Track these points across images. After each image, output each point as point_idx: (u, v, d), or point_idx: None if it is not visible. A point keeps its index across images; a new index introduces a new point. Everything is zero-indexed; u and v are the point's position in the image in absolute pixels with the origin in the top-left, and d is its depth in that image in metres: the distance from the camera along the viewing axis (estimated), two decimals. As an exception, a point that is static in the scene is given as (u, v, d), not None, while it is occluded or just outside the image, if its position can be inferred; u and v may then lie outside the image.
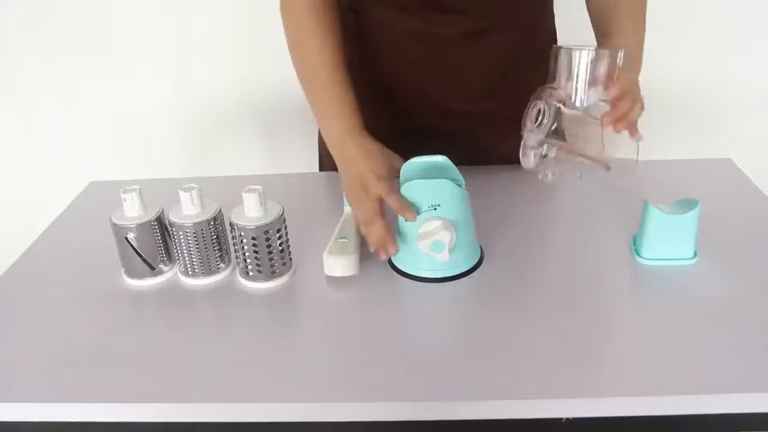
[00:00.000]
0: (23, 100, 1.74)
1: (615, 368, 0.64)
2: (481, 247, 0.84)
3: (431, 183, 0.76)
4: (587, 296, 0.75)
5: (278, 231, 0.76)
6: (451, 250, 0.75)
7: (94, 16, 1.61)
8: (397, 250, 0.78)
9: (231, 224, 0.76)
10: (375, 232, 0.78)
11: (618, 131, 0.73)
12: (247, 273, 0.78)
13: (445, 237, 0.74)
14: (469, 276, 0.79)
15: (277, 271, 0.78)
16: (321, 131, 0.89)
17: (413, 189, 0.77)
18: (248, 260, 0.77)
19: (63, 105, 1.75)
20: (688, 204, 0.77)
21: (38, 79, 1.71)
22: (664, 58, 1.63)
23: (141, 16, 1.62)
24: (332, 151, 0.87)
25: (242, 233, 0.75)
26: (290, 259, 0.80)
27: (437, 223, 0.75)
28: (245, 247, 0.76)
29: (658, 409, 0.61)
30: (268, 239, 0.76)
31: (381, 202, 0.78)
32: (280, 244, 0.77)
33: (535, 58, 0.81)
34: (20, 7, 1.60)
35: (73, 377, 0.66)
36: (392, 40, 0.96)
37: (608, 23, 0.89)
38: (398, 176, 0.80)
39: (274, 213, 0.76)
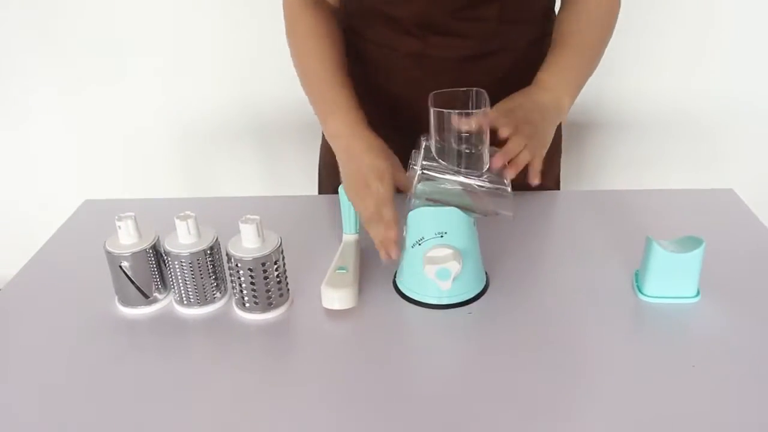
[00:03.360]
0: (19, 111, 1.73)
1: (617, 411, 0.63)
2: (487, 273, 0.83)
3: (439, 210, 0.75)
4: (589, 334, 0.74)
5: (275, 262, 0.75)
6: (455, 279, 0.75)
7: (94, 31, 1.61)
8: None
9: (228, 255, 0.75)
10: (377, 232, 0.76)
11: (506, 176, 0.75)
12: (243, 304, 0.77)
13: (453, 267, 0.74)
14: (471, 308, 0.78)
15: (273, 302, 0.77)
16: (323, 128, 0.89)
17: (421, 215, 0.76)
18: (244, 291, 0.76)
19: (60, 120, 1.74)
20: (692, 241, 0.76)
21: (36, 94, 1.70)
22: (662, 80, 1.63)
23: (141, 31, 1.61)
24: (334, 146, 0.86)
25: (239, 264, 0.74)
26: (287, 289, 0.79)
27: (448, 252, 0.74)
28: (242, 278, 0.75)
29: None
30: (265, 270, 0.74)
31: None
32: (278, 276, 0.76)
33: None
34: (20, 25, 1.59)
35: (60, 411, 0.65)
36: (393, 62, 0.96)
37: (562, 38, 0.92)
38: (398, 179, 0.79)
39: (271, 244, 0.75)
